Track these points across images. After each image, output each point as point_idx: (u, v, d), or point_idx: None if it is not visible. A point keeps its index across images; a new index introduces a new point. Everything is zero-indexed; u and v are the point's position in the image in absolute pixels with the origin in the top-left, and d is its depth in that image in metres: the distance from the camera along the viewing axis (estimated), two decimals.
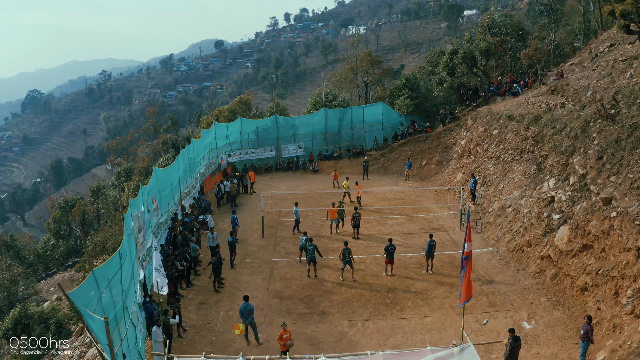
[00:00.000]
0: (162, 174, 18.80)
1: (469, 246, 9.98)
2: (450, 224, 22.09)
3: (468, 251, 9.95)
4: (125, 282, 11.08)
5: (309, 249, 16.69)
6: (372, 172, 30.43)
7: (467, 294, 10.11)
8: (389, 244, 16.88)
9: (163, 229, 18.27)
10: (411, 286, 16.26)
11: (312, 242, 16.86)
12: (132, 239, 13.08)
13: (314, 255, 16.69)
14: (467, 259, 9.87)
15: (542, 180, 19.85)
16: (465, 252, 9.93)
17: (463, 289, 10.02)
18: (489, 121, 26.36)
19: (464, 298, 10.10)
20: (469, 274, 10.04)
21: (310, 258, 16.66)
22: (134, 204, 14.14)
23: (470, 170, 25.39)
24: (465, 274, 9.92)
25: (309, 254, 16.67)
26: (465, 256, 9.87)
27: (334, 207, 20.70)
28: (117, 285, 10.64)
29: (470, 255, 9.99)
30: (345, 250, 16.31)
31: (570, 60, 32.71)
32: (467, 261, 9.88)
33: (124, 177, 37.54)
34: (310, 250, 16.66)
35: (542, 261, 17.35)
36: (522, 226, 18.93)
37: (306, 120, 34.00)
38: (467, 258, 9.88)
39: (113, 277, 10.34)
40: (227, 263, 17.52)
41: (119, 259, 10.64)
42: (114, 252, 10.89)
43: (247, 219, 22.77)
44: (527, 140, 22.22)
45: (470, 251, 10.04)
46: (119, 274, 10.66)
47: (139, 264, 13.75)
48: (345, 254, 16.28)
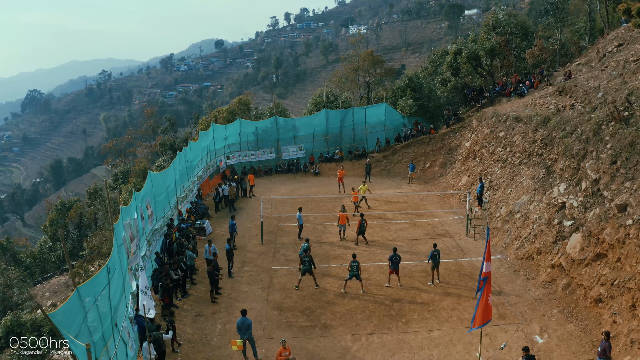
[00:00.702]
0: (158, 179, 18.11)
1: (488, 266, 9.17)
2: (456, 229, 21.38)
3: (487, 272, 9.16)
4: (114, 297, 10.39)
5: (304, 260, 15.82)
6: (375, 175, 29.72)
7: (483, 318, 9.28)
8: (393, 253, 16.00)
9: (158, 235, 17.58)
10: (417, 297, 15.55)
11: (307, 254, 15.94)
12: (123, 249, 12.39)
13: (309, 267, 15.82)
14: (485, 280, 9.08)
15: (551, 184, 19.14)
16: (483, 272, 9.13)
17: (479, 312, 9.19)
18: (495, 123, 25.63)
19: (479, 322, 9.27)
20: (488, 297, 9.24)
21: (305, 269, 15.85)
22: (126, 212, 13.44)
23: (476, 174, 24.67)
24: (482, 296, 9.13)
25: (304, 266, 15.82)
26: (483, 277, 9.08)
27: (343, 212, 19.98)
28: (105, 302, 9.96)
29: (489, 276, 9.19)
30: (353, 263, 15.56)
31: (577, 60, 31.99)
32: (485, 282, 9.09)
33: (121, 179, 36.85)
34: (305, 262, 15.78)
35: (553, 270, 16.64)
36: (532, 233, 18.22)
37: (307, 121, 33.26)
38: (486, 279, 9.09)
39: (100, 294, 9.65)
40: (225, 272, 16.81)
41: (106, 274, 9.94)
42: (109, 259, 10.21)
43: (246, 224, 22.06)
44: (536, 142, 21.49)
45: (490, 272, 9.24)
46: (106, 289, 9.97)
47: (131, 275, 13.05)
48: (354, 267, 15.54)
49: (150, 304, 10.32)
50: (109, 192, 18.03)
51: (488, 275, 9.22)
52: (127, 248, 13.11)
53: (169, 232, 17.71)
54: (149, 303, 10.32)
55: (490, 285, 9.46)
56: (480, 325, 9.45)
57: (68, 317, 8.40)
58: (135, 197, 14.89)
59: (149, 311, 10.49)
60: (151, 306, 10.39)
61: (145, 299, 9.92)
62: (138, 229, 14.92)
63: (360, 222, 19.20)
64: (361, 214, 19.89)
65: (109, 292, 10.02)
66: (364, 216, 19.55)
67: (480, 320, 9.20)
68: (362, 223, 19.14)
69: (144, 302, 10.17)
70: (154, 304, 10.91)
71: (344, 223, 19.87)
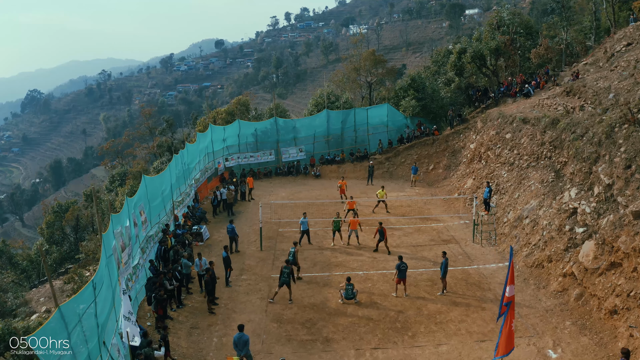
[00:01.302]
0: (152, 183, 17.41)
1: (511, 290, 8.36)
2: (462, 234, 20.67)
3: (510, 296, 8.37)
4: (101, 314, 9.69)
5: (283, 271, 14.89)
6: (377, 177, 29.01)
7: (507, 346, 8.49)
8: (400, 262, 15.25)
9: (153, 242, 16.89)
10: (423, 307, 14.84)
11: (289, 265, 15.05)
12: (113, 260, 11.69)
13: (287, 279, 14.86)
14: (508, 305, 8.30)
15: (561, 189, 18.43)
16: (506, 297, 8.34)
17: (502, 340, 8.39)
18: (501, 124, 24.93)
19: (503, 350, 8.47)
20: (511, 323, 8.45)
21: (282, 281, 14.87)
22: (117, 220, 12.74)
23: (481, 177, 23.98)
24: (505, 322, 8.34)
25: (282, 277, 14.89)
26: (506, 302, 8.30)
27: (355, 217, 19.25)
28: (91, 320, 9.26)
29: (512, 301, 8.40)
30: (348, 286, 14.94)
31: (584, 60, 31.29)
32: (508, 308, 8.31)
33: (118, 180, 36.18)
34: (284, 274, 14.85)
35: (564, 279, 15.93)
36: (542, 239, 17.51)
37: (307, 122, 32.54)
38: (509, 304, 8.31)
39: (85, 312, 8.95)
40: (222, 281, 16.11)
41: (92, 290, 9.24)
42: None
43: (245, 228, 21.36)
44: (544, 145, 20.78)
45: (513, 296, 8.44)
46: (93, 306, 9.27)
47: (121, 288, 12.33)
48: (349, 290, 14.88)
49: (134, 330, 9.59)
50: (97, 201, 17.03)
51: (511, 300, 8.43)
52: (118, 258, 12.42)
53: (164, 239, 17.03)
54: (133, 330, 9.56)
55: (514, 311, 8.66)
56: (503, 354, 8.56)
57: (49, 340, 7.71)
58: (127, 203, 14.19)
59: (134, 339, 9.73)
60: (136, 333, 9.68)
61: (129, 326, 9.17)
62: (130, 236, 14.22)
63: (377, 231, 18.41)
64: (380, 222, 19.02)
65: (96, 309, 9.33)
66: (382, 224, 18.71)
67: (503, 349, 8.39)
68: (380, 232, 18.33)
69: (127, 329, 9.40)
70: (139, 331, 10.18)
71: (355, 228, 19.16)
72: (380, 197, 22.87)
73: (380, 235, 18.29)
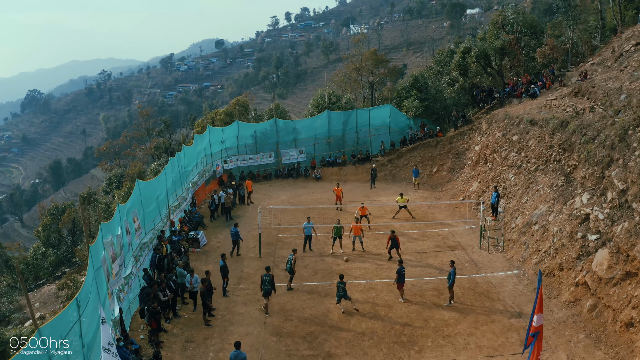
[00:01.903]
0: (147, 188, 16.74)
1: (539, 320, 7.65)
2: (468, 240, 19.97)
3: (538, 326, 7.66)
4: (87, 333, 9.01)
5: (264, 279, 14.15)
6: (379, 180, 28.30)
7: None
8: (400, 266, 15.02)
9: (147, 249, 16.21)
10: (430, 319, 14.15)
11: (269, 272, 14.36)
12: (102, 273, 11.01)
13: (269, 287, 14.19)
14: (535, 336, 7.60)
15: (572, 194, 17.73)
16: (533, 326, 7.64)
17: None
18: (507, 126, 24.23)
19: None
20: (538, 355, 7.72)
21: (265, 291, 14.22)
22: (107, 229, 12.07)
23: (487, 180, 23.28)
24: (532, 354, 7.63)
25: (264, 286, 14.20)
26: (533, 332, 7.60)
27: (357, 222, 18.58)
28: (76, 340, 8.58)
29: (540, 330, 7.69)
30: (340, 284, 14.36)
31: (591, 60, 30.60)
32: (535, 338, 7.60)
33: (115, 183, 35.49)
34: (266, 282, 14.14)
35: (576, 288, 15.24)
36: (552, 247, 16.81)
37: (308, 123, 31.82)
38: (537, 335, 7.60)
39: (69, 332, 8.27)
40: (219, 290, 15.42)
41: (76, 308, 8.56)
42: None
43: (244, 234, 20.59)
44: (553, 148, 20.08)
45: (541, 326, 7.73)
46: (77, 326, 8.59)
47: (111, 301, 11.66)
48: (340, 288, 14.33)
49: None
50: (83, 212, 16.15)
51: (539, 330, 7.71)
52: (108, 270, 11.75)
53: (158, 246, 16.33)
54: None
55: (542, 342, 7.94)
56: None
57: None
58: (119, 210, 13.51)
59: None
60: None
61: (110, 358, 8.41)
62: (122, 245, 13.55)
63: (390, 239, 17.76)
64: (392, 230, 18.28)
65: (80, 329, 8.65)
66: (395, 232, 18.03)
67: None
68: (392, 240, 17.68)
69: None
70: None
71: (358, 234, 18.49)
72: (402, 203, 22.20)
73: (394, 243, 17.63)
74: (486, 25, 54.63)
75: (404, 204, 22.13)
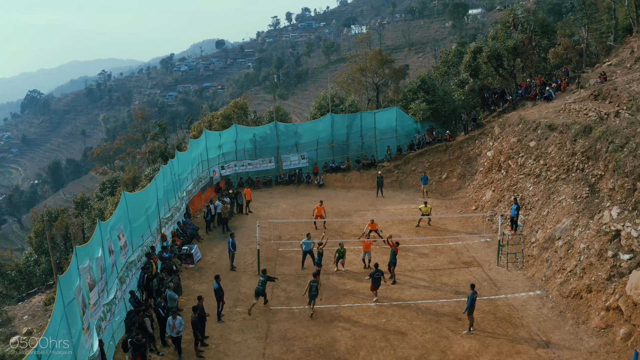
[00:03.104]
0: (135, 200, 15.27)
1: None
2: (484, 255, 18.48)
3: None
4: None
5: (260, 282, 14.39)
6: (385, 187, 26.76)
7: None
8: (374, 269, 14.86)
9: (135, 268, 14.76)
10: (448, 350, 12.67)
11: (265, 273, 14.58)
12: (75, 306, 9.55)
13: (262, 289, 14.32)
14: None
15: (599, 207, 16.23)
16: None
17: None
18: (523, 130, 22.74)
19: None
20: None
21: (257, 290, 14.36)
22: (83, 253, 10.61)
23: (502, 189, 21.79)
24: None
25: (258, 287, 14.39)
26: None
27: (368, 238, 17.12)
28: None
29: None
30: (313, 283, 14.00)
31: (607, 61, 29.11)
32: None
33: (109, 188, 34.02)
34: (259, 283, 14.37)
35: (607, 313, 13.75)
36: (579, 265, 15.31)
37: (310, 127, 30.30)
38: None
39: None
40: (214, 314, 13.96)
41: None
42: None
43: (242, 247, 19.21)
44: (575, 155, 18.60)
45: None
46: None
47: (87, 337, 10.19)
48: (313, 287, 13.95)
49: None
50: (49, 235, 14.19)
51: None
52: (84, 300, 10.29)
53: (147, 265, 14.90)
54: None
55: None
56: None
57: None
58: (100, 229, 12.03)
59: None
60: None
61: None
62: (104, 268, 12.10)
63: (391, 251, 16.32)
64: (396, 242, 16.71)
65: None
66: (395, 243, 16.51)
67: None
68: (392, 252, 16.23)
69: None
70: None
71: (368, 250, 17.04)
72: (425, 212, 20.75)
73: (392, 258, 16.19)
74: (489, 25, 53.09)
75: (427, 213, 20.80)
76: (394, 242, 16.55)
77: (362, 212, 23.31)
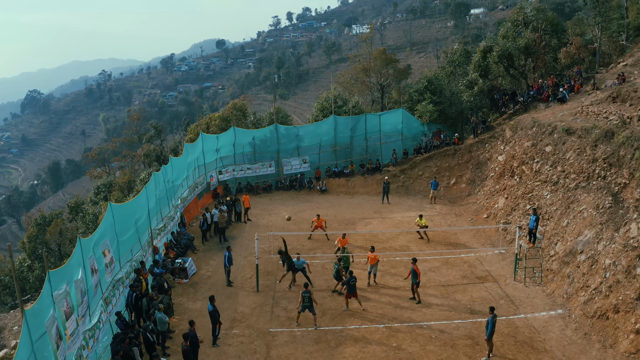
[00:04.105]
0: (122, 211, 14.08)
1: None
2: (499, 269, 17.27)
3: None
4: None
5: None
6: (391, 192, 25.55)
7: None
8: (350, 276, 14.20)
9: (123, 286, 13.57)
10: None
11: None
12: (47, 340, 8.36)
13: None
14: None
15: (624, 218, 15.01)
16: None
17: None
18: (537, 134, 21.53)
19: None
20: None
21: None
22: (59, 277, 9.41)
23: (516, 196, 20.57)
24: None
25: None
26: None
27: (372, 251, 15.92)
28: None
29: None
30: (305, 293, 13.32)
31: (622, 61, 27.92)
32: None
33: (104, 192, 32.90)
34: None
35: (638, 336, 12.54)
36: (604, 283, 14.10)
37: (312, 129, 29.07)
38: None
39: None
40: (209, 337, 12.77)
41: None
42: None
43: (239, 260, 18.03)
44: (596, 162, 17.38)
45: None
46: None
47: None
48: (305, 298, 13.31)
49: None
50: (17, 279, 12.87)
51: None
52: (59, 331, 9.10)
53: (136, 282, 13.71)
54: None
55: None
56: None
57: None
58: (80, 246, 10.83)
59: None
60: None
61: None
62: (86, 290, 10.92)
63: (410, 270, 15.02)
64: (413, 259, 15.28)
65: None
66: (416, 262, 15.19)
67: None
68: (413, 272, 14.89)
69: None
70: None
71: (373, 263, 15.84)
72: (422, 224, 19.40)
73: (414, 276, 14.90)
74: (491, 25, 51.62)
75: (423, 227, 19.44)
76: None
77: (367, 221, 22.11)
